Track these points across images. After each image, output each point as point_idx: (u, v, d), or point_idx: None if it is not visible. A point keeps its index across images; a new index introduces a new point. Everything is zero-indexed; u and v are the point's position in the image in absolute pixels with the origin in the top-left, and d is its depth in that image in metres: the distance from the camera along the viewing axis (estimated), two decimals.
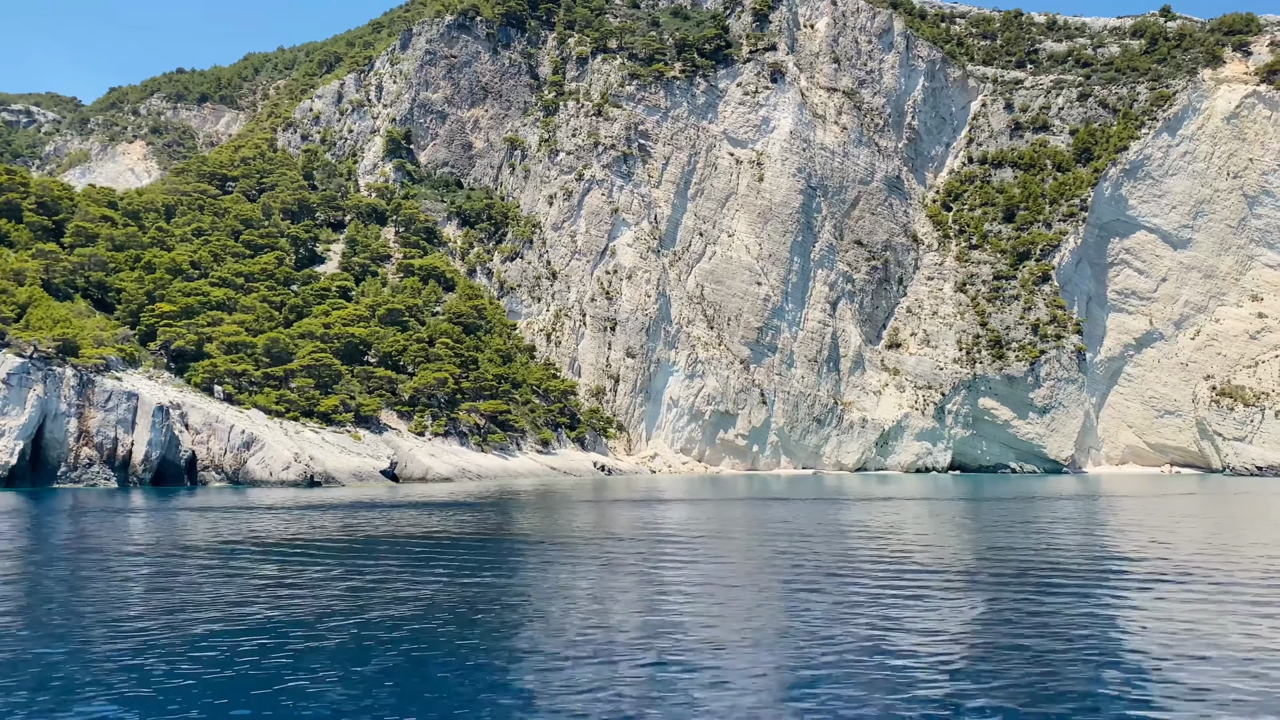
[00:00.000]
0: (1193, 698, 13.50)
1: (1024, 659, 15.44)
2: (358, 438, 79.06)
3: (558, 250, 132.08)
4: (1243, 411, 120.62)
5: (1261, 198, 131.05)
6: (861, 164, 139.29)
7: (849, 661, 15.09)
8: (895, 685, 13.89)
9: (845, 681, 14.04)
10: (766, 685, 14.05)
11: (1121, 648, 16.13)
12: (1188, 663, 15.26)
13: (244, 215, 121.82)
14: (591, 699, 13.30)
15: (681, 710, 12.87)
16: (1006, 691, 13.74)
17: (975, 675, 14.51)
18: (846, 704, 13.01)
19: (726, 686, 14.01)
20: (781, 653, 15.75)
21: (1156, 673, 14.64)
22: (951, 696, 13.39)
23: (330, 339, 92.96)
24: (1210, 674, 14.54)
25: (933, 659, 15.29)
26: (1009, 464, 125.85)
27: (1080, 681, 14.21)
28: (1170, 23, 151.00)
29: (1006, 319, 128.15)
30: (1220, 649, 16.12)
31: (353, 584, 22.13)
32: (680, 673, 14.61)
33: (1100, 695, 13.54)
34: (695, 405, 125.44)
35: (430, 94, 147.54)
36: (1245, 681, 14.20)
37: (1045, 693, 13.71)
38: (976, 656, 15.56)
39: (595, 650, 15.58)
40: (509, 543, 31.50)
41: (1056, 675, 14.56)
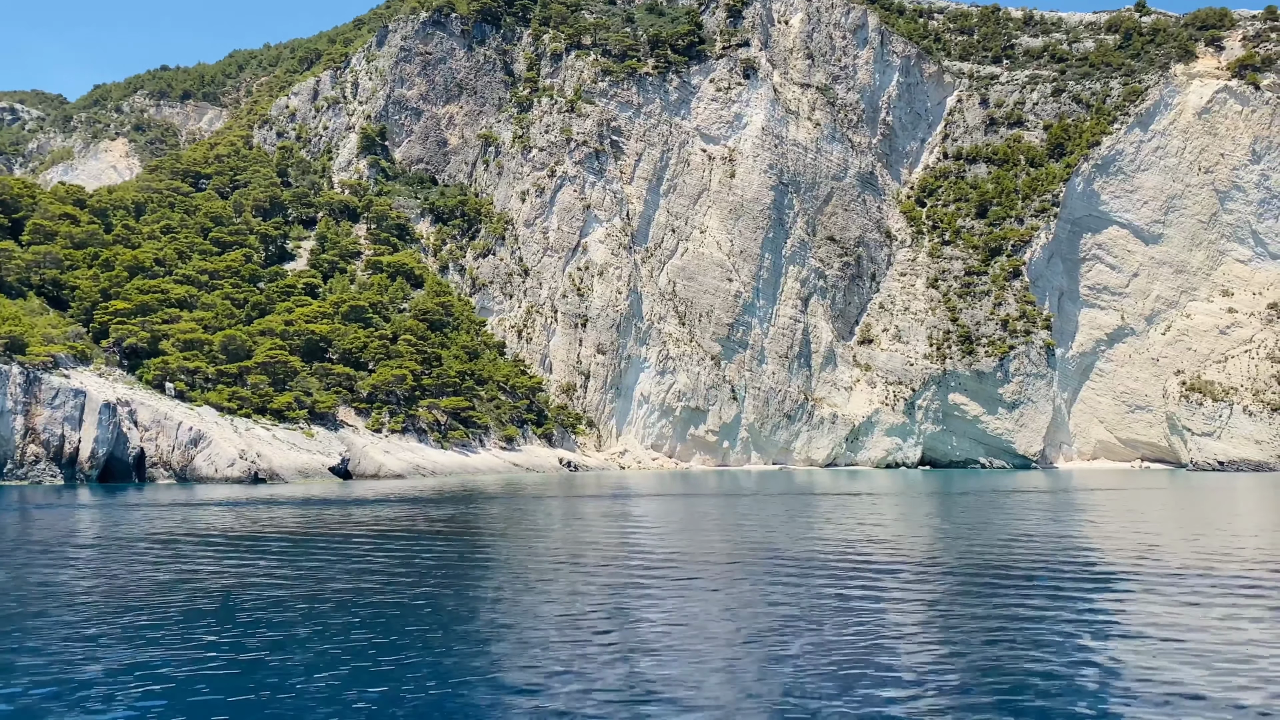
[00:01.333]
0: (1149, 691, 13.54)
1: (988, 653, 15.54)
2: (310, 434, 79.35)
3: (530, 247, 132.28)
4: (1211, 407, 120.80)
5: (1232, 193, 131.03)
6: (834, 160, 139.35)
7: (820, 661, 15.01)
8: (864, 684, 13.81)
9: (816, 680, 13.90)
10: (738, 685, 13.88)
11: (1076, 642, 16.21)
12: (1141, 657, 15.36)
13: (214, 212, 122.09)
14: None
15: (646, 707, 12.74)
16: (974, 684, 13.78)
17: (942, 671, 14.54)
18: (816, 701, 12.93)
19: (696, 683, 13.92)
20: (750, 651, 15.67)
21: (1112, 667, 14.71)
22: (920, 694, 13.32)
23: (290, 336, 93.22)
24: (1167, 669, 14.61)
25: (899, 656, 15.35)
26: (979, 459, 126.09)
27: (1042, 675, 14.27)
28: (1145, 17, 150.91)
29: (977, 315, 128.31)
30: (1171, 643, 16.29)
31: (191, 579, 22.37)
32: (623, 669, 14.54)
33: (1061, 688, 13.59)
34: (666, 401, 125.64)
35: (405, 91, 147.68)
36: (1201, 674, 14.30)
37: (1007, 685, 13.79)
38: (942, 652, 15.63)
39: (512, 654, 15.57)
40: (408, 538, 31.70)
41: (1017, 667, 14.71)
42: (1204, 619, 18.22)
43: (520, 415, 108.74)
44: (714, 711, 12.47)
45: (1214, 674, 14.33)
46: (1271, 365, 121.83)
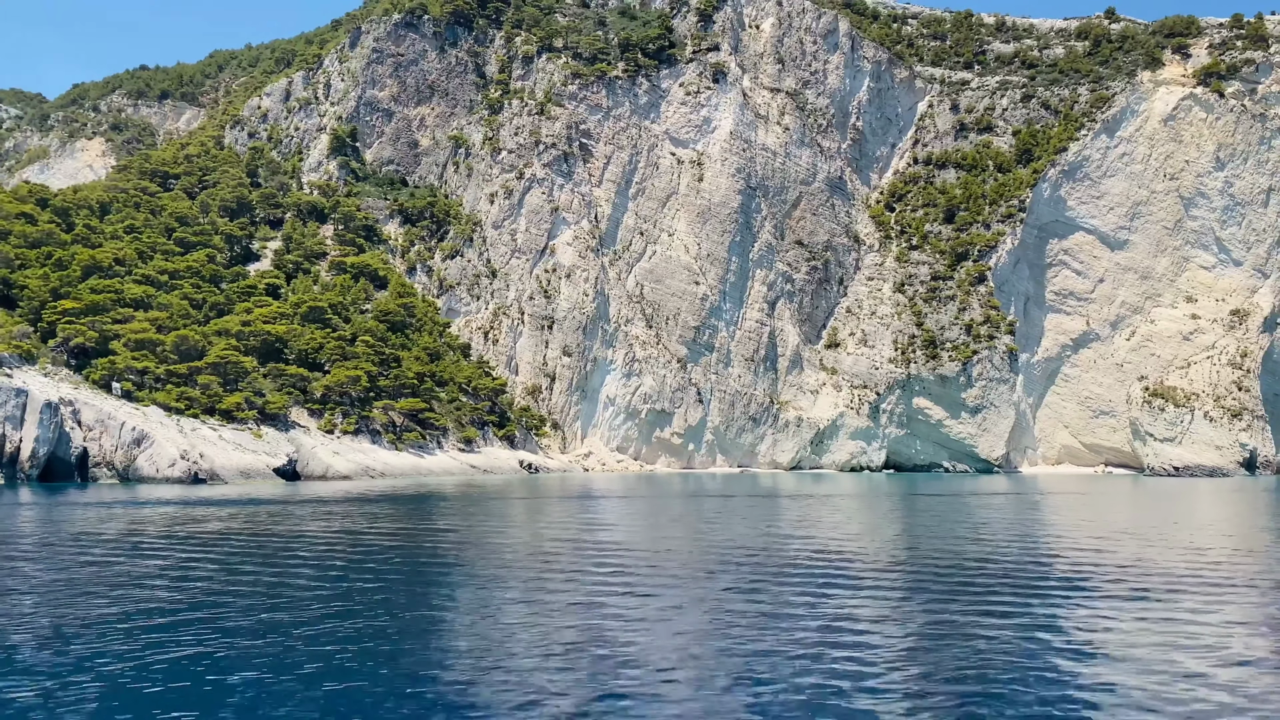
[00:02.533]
0: (1100, 694, 13.61)
1: (940, 651, 15.73)
2: (259, 435, 79.38)
3: (498, 248, 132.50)
4: (1173, 412, 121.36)
5: (1197, 199, 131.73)
6: (803, 164, 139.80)
7: (782, 662, 14.96)
8: (826, 685, 13.76)
9: (778, 683, 13.87)
10: (701, 692, 13.64)
11: (1019, 644, 16.41)
12: (1086, 659, 15.47)
13: (179, 213, 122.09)
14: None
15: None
16: (932, 686, 13.84)
17: (902, 670, 14.63)
18: (779, 701, 12.94)
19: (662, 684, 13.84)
20: (713, 656, 15.56)
21: (1063, 668, 14.84)
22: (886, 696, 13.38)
23: (246, 337, 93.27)
24: (1114, 672, 14.72)
25: (861, 656, 15.42)
26: (942, 463, 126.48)
27: (999, 676, 14.37)
28: (1114, 24, 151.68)
29: (942, 319, 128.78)
30: (1111, 644, 16.48)
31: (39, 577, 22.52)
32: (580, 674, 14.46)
33: (1017, 690, 13.71)
34: (632, 404, 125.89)
35: (377, 92, 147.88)
36: (1137, 679, 14.45)
37: (962, 684, 13.89)
38: (899, 650, 15.77)
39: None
40: (276, 541, 31.78)
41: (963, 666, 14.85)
42: (1145, 621, 18.40)
43: (481, 417, 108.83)
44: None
45: (1161, 676, 14.45)
46: (1232, 371, 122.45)
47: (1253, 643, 16.60)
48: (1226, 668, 14.95)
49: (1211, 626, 17.89)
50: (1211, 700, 13.28)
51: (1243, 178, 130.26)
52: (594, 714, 12.35)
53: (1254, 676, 14.51)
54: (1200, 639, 16.85)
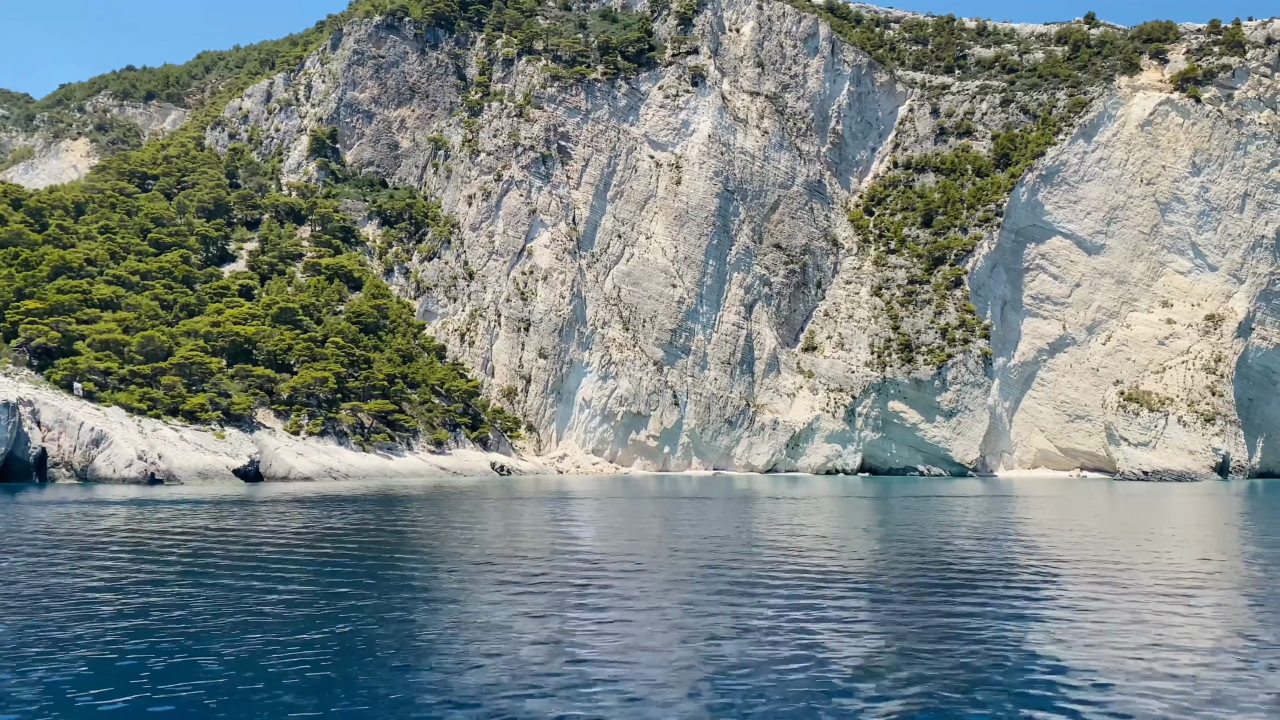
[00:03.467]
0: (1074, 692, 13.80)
1: (903, 646, 15.96)
2: (221, 436, 79.37)
3: (475, 250, 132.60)
4: (1148, 417, 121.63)
5: (1173, 204, 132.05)
6: (782, 168, 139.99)
7: (755, 660, 15.14)
8: (792, 685, 13.82)
9: (750, 682, 13.97)
10: (677, 692, 13.70)
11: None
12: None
13: (155, 213, 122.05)
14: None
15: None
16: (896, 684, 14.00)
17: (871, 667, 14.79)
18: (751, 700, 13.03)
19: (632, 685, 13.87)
20: (688, 656, 15.55)
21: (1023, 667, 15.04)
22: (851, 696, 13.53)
23: (215, 338, 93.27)
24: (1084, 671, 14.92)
25: (835, 655, 15.55)
26: (917, 467, 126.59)
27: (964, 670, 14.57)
28: (1093, 29, 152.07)
29: (918, 323, 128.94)
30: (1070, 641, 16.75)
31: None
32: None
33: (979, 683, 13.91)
34: (608, 406, 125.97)
35: (357, 94, 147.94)
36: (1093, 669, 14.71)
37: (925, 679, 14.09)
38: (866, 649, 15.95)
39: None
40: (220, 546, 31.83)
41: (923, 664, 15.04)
42: (1112, 618, 18.64)
43: (453, 419, 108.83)
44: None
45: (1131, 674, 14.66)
46: (1206, 376, 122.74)
47: (1221, 642, 16.81)
48: (1187, 666, 15.09)
49: (1175, 628, 18.03)
50: (1170, 700, 13.38)
51: (1219, 183, 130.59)
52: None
53: (1220, 675, 14.66)
54: (1167, 640, 16.99)
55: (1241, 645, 16.76)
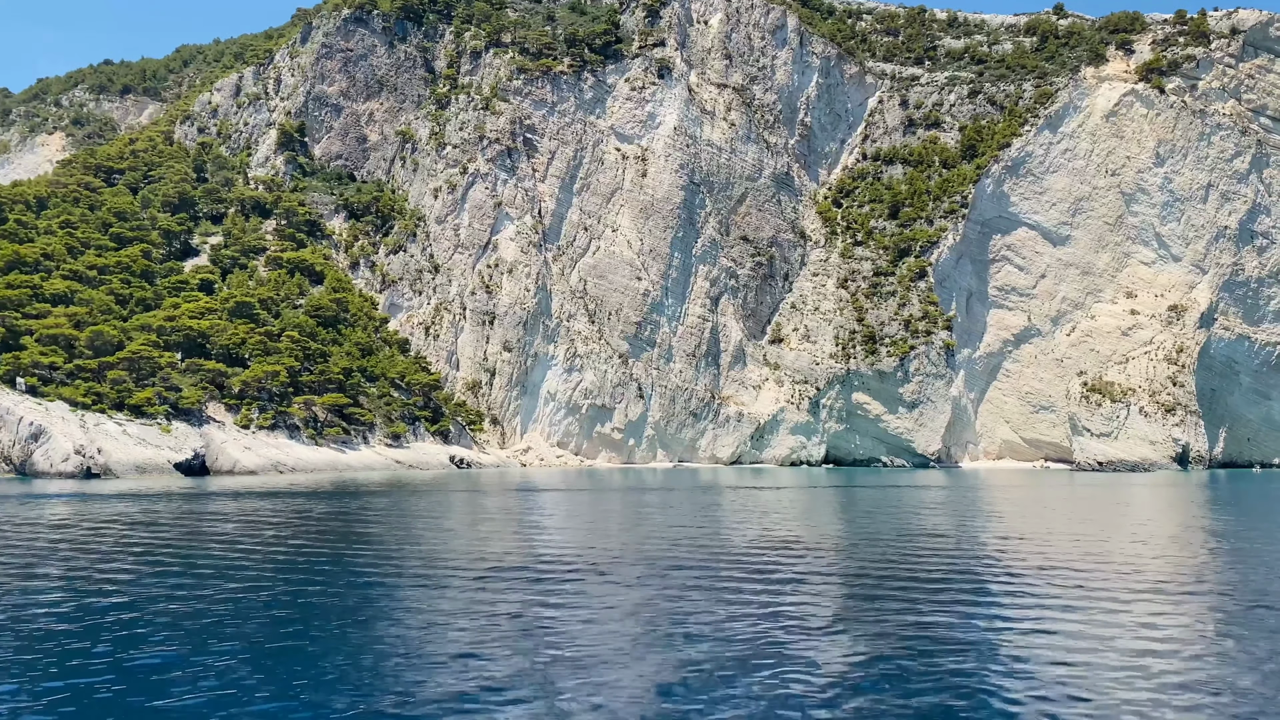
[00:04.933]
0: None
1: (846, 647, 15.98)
2: (167, 430, 79.64)
3: (441, 244, 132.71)
4: (1110, 407, 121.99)
5: (1138, 195, 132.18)
6: (749, 160, 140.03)
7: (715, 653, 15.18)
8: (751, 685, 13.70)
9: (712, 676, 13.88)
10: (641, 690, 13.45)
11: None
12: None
13: (118, 208, 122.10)
14: None
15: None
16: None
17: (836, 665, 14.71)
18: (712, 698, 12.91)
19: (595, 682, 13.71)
20: (649, 650, 15.36)
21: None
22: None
23: (169, 332, 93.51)
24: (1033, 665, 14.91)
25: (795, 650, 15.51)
26: (881, 458, 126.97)
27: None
28: (1062, 20, 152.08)
29: (882, 315, 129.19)
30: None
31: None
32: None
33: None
34: (573, 399, 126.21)
35: (326, 87, 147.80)
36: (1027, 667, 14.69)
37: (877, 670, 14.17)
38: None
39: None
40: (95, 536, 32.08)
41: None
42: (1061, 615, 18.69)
43: (412, 412, 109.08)
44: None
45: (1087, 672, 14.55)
46: (1168, 367, 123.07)
47: (1169, 638, 16.74)
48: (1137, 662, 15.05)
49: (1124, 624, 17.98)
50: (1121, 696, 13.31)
51: (1182, 174, 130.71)
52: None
53: (1174, 671, 14.56)
54: (1115, 635, 16.92)
55: (1200, 640, 16.77)
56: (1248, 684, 13.84)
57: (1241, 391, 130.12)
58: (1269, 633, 17.22)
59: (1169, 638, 16.71)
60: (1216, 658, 15.36)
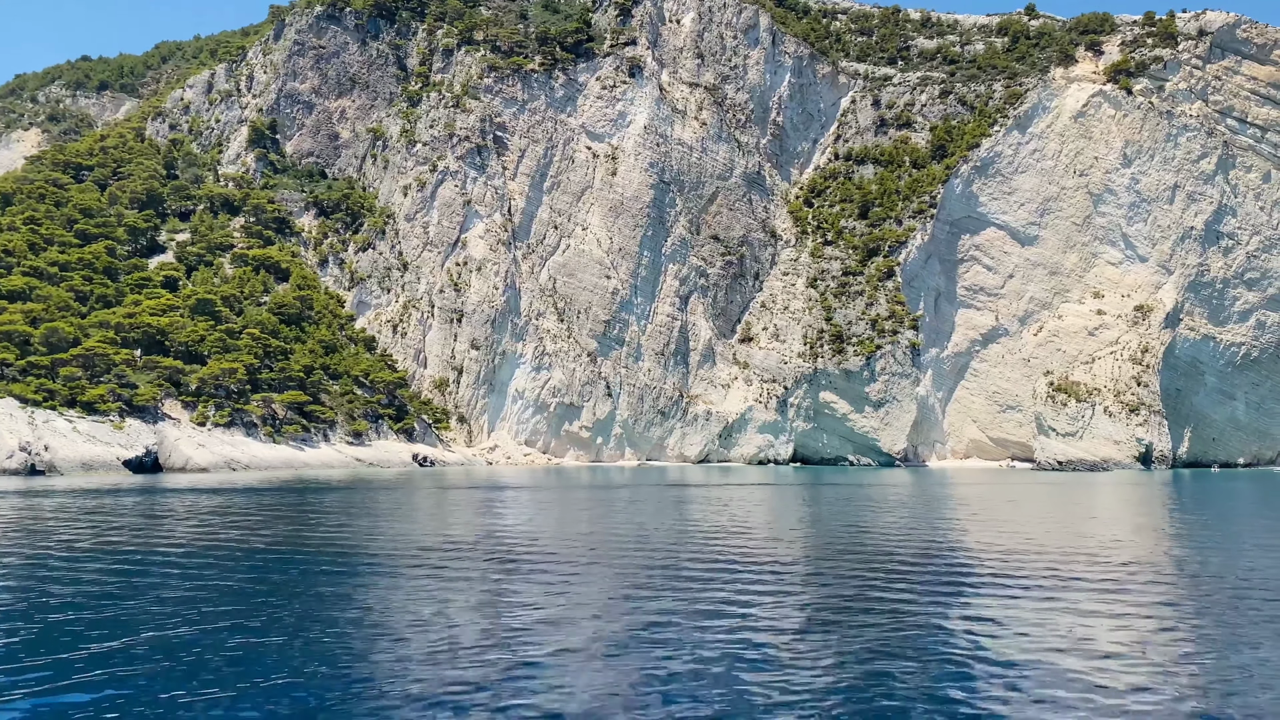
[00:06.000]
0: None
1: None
2: (120, 427, 79.56)
3: (410, 241, 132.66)
4: (1075, 407, 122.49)
5: (1105, 196, 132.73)
6: (720, 159, 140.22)
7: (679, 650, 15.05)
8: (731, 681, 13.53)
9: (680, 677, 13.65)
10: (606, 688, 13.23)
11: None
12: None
13: (85, 204, 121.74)
14: None
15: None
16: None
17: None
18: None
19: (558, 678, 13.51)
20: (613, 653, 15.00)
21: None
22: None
23: (128, 329, 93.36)
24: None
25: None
26: (848, 457, 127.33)
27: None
28: (1033, 21, 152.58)
29: (850, 314, 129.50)
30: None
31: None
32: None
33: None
34: (541, 397, 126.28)
35: (298, 84, 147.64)
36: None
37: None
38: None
39: None
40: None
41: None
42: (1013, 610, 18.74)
43: (376, 410, 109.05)
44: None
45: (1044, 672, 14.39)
46: (1133, 367, 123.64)
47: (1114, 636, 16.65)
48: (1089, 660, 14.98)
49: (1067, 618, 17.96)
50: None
51: (1149, 174, 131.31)
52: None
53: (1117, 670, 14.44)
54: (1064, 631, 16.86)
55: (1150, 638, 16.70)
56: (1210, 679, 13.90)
57: (1207, 392, 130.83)
58: (1205, 624, 17.43)
59: (1101, 626, 16.95)
60: (1161, 651, 15.51)
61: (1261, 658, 14.94)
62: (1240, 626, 17.07)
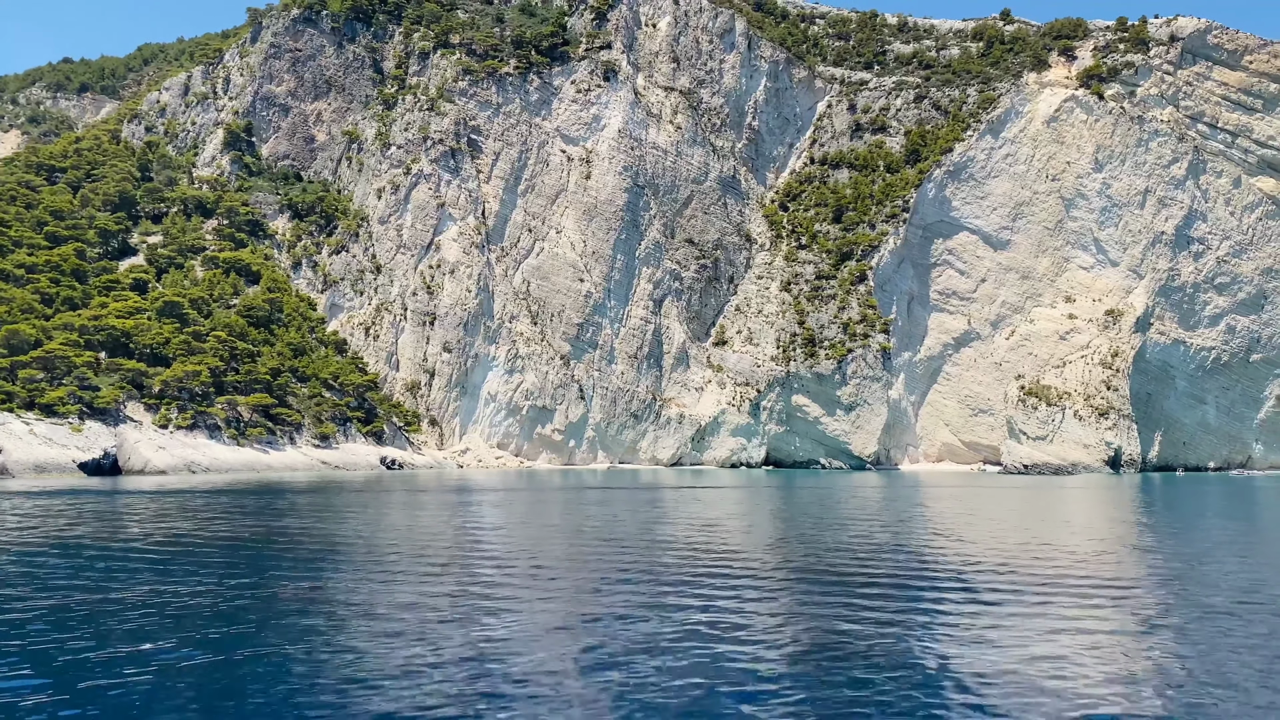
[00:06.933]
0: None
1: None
2: (79, 429, 79.40)
3: (383, 244, 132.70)
4: (1045, 411, 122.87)
5: (1077, 200, 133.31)
6: (695, 163, 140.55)
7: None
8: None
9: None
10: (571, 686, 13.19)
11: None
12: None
13: (56, 207, 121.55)
14: None
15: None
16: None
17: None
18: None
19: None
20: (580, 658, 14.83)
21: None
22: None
23: (92, 331, 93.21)
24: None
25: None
26: (820, 460, 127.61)
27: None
28: (1008, 26, 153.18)
29: (822, 318, 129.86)
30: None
31: None
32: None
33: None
34: (513, 400, 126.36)
35: (274, 87, 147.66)
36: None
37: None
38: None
39: None
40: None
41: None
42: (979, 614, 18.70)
43: (344, 413, 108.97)
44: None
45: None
46: (1103, 370, 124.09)
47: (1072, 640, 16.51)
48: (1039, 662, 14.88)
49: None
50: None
51: (1120, 179, 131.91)
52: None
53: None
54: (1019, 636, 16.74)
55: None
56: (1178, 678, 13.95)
57: (1177, 396, 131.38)
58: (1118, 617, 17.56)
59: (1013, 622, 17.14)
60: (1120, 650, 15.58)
61: (1220, 660, 14.92)
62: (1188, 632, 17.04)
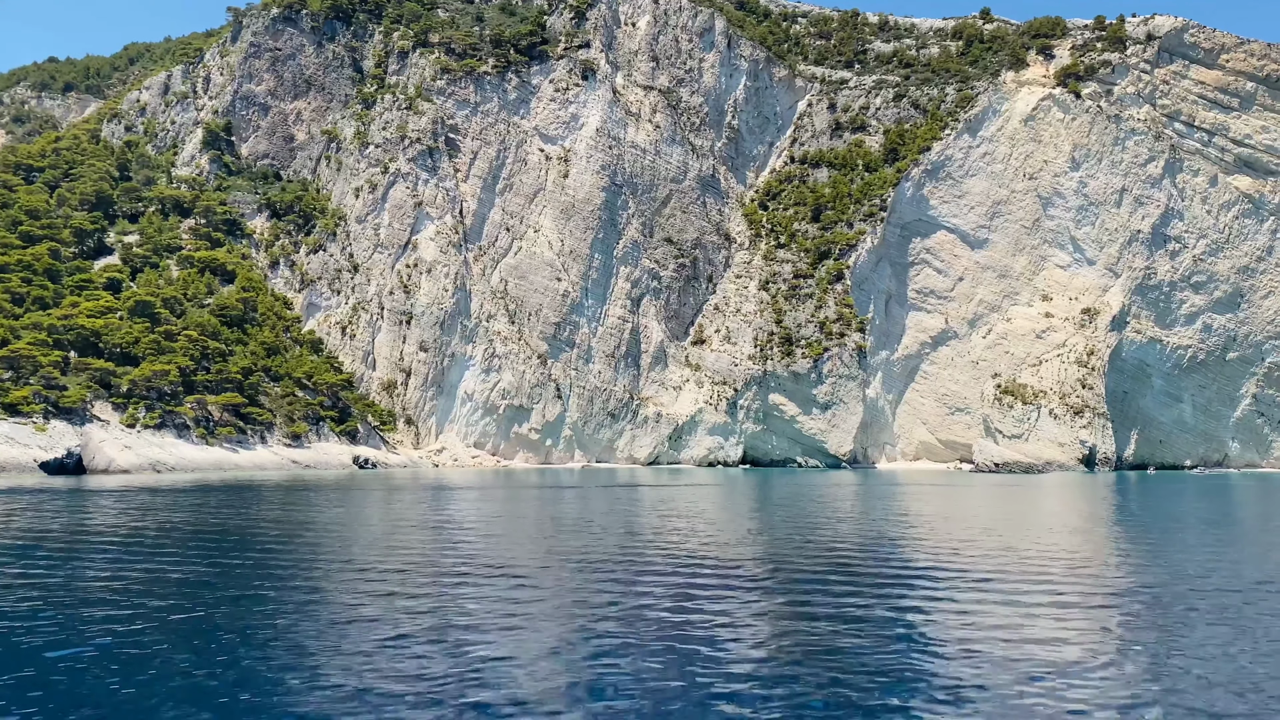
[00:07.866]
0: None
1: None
2: (42, 429, 79.44)
3: (361, 243, 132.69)
4: (1021, 409, 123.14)
5: (1054, 199, 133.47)
6: (674, 162, 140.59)
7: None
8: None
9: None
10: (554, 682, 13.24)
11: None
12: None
13: (32, 206, 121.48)
14: None
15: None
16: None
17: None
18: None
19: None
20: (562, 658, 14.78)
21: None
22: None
23: (61, 331, 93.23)
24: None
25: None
26: (796, 458, 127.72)
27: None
28: (988, 25, 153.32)
29: (799, 317, 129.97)
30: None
31: None
32: None
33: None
34: (490, 399, 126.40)
35: (254, 86, 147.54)
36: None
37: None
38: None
39: None
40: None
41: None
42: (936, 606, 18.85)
43: (317, 412, 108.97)
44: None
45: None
46: (1079, 369, 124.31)
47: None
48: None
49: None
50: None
51: (1097, 178, 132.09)
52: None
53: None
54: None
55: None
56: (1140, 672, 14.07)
57: (1154, 394, 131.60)
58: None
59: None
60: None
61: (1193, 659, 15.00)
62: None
